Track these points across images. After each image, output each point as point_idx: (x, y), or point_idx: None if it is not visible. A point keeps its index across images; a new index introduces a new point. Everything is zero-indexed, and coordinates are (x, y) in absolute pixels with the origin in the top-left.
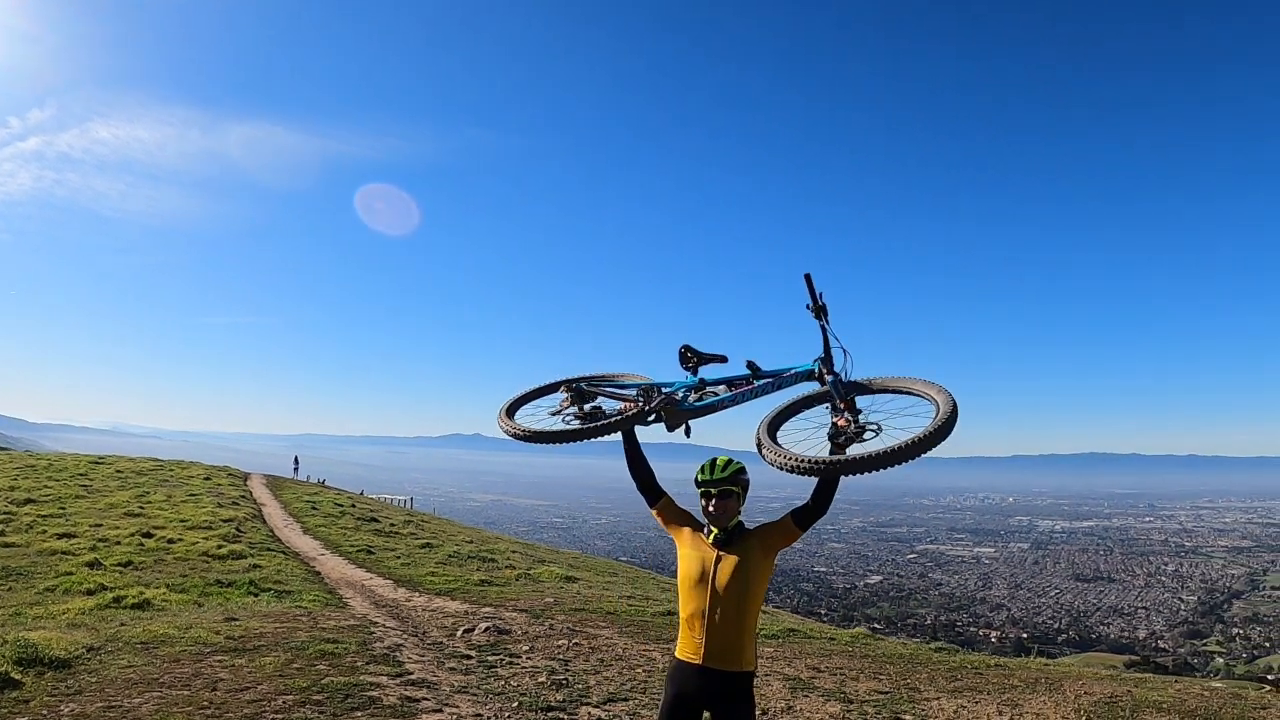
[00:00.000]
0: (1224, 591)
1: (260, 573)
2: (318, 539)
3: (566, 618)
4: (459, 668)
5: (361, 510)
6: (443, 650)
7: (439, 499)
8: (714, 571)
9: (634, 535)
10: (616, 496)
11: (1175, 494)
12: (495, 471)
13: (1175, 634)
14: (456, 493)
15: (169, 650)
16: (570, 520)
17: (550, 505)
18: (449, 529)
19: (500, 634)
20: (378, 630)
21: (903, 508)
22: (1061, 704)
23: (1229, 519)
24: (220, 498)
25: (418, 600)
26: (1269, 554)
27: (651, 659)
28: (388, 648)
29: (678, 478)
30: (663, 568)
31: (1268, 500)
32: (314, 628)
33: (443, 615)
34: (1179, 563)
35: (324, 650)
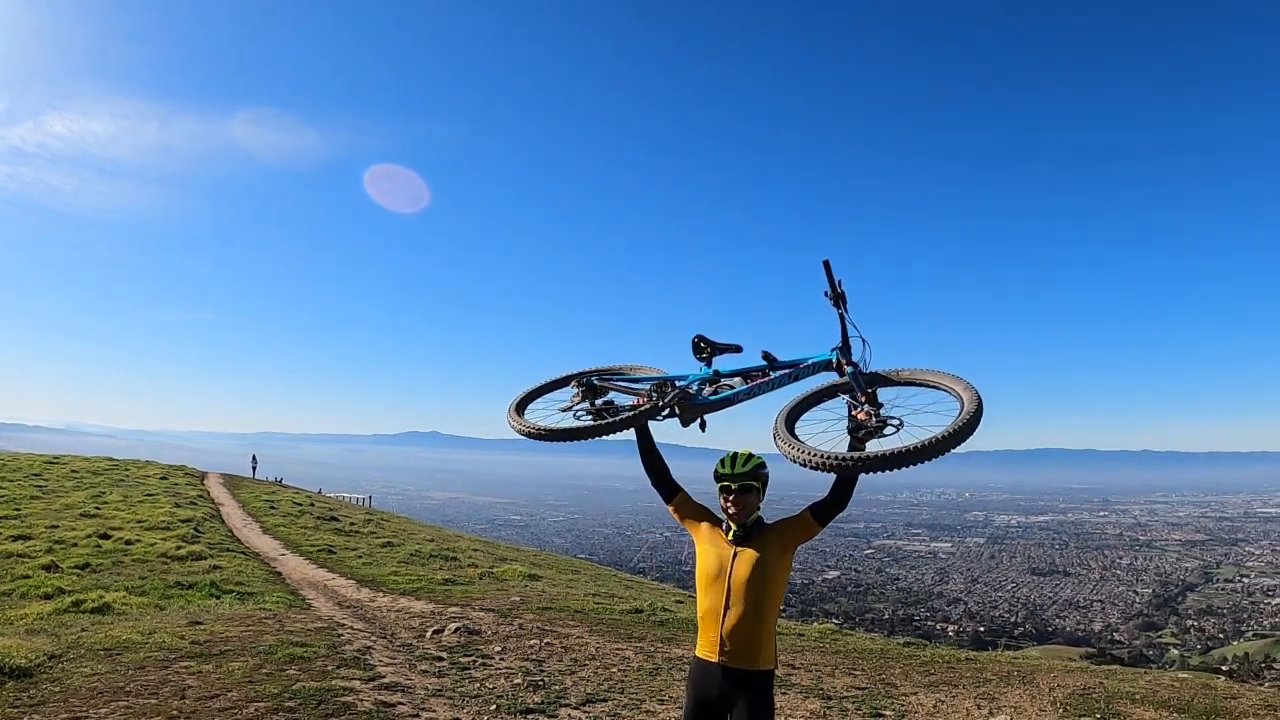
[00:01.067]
0: (1178, 584)
1: (221, 574)
2: (278, 539)
3: (535, 617)
4: (432, 670)
5: (320, 509)
6: (413, 652)
7: (397, 497)
8: (731, 568)
9: (592, 532)
10: (574, 494)
11: (1129, 489)
12: (452, 469)
13: (1130, 626)
14: (414, 491)
15: (133, 657)
16: (528, 518)
17: (508, 503)
18: (409, 527)
19: (470, 634)
20: (346, 632)
21: (860, 503)
22: (1037, 697)
23: (1182, 513)
24: (178, 497)
25: (382, 600)
26: (1222, 547)
27: (625, 658)
28: (357, 650)
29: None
30: (621, 564)
31: (1220, 495)
32: (280, 631)
33: (409, 616)
34: (1134, 556)
35: (293, 654)
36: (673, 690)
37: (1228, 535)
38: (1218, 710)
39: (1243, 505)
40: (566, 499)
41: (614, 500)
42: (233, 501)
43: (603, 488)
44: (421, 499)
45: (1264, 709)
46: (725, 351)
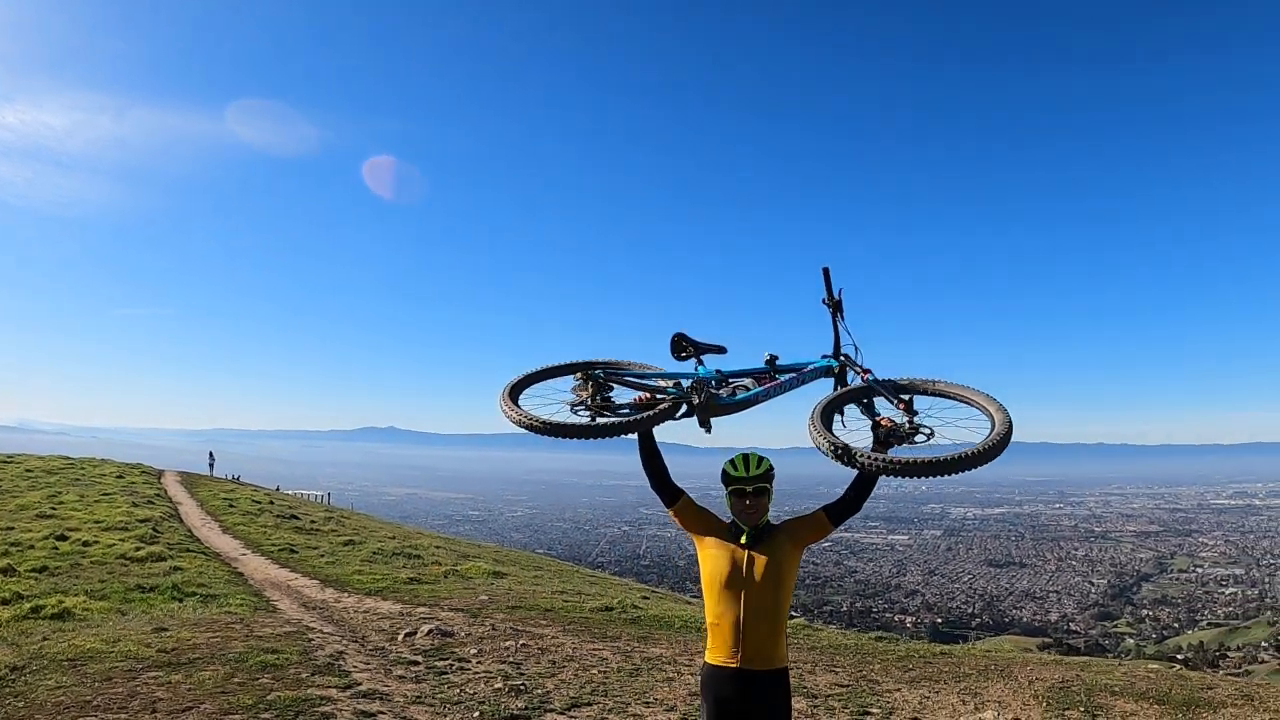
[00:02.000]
0: (1133, 575)
1: (182, 575)
2: (238, 538)
3: (506, 616)
4: (408, 675)
5: (280, 507)
6: (387, 656)
7: (354, 493)
8: (747, 572)
9: (550, 528)
10: (532, 489)
11: (1084, 481)
12: (410, 465)
13: (1086, 616)
14: (371, 487)
15: (99, 667)
16: (486, 513)
17: (466, 498)
18: (370, 525)
19: (444, 636)
20: (316, 636)
21: (816, 496)
22: (1019, 690)
23: (1137, 505)
24: (135, 496)
25: (348, 601)
26: (1176, 538)
27: (604, 659)
28: (330, 656)
29: None
30: (580, 559)
31: (1174, 487)
32: (249, 636)
33: (378, 617)
34: (1089, 548)
35: (265, 662)
36: (657, 692)
37: (1181, 526)
38: (1196, 701)
39: (1196, 497)
40: (524, 494)
41: (572, 495)
42: (191, 500)
43: (560, 482)
44: (379, 495)
45: (1240, 699)
46: (708, 351)
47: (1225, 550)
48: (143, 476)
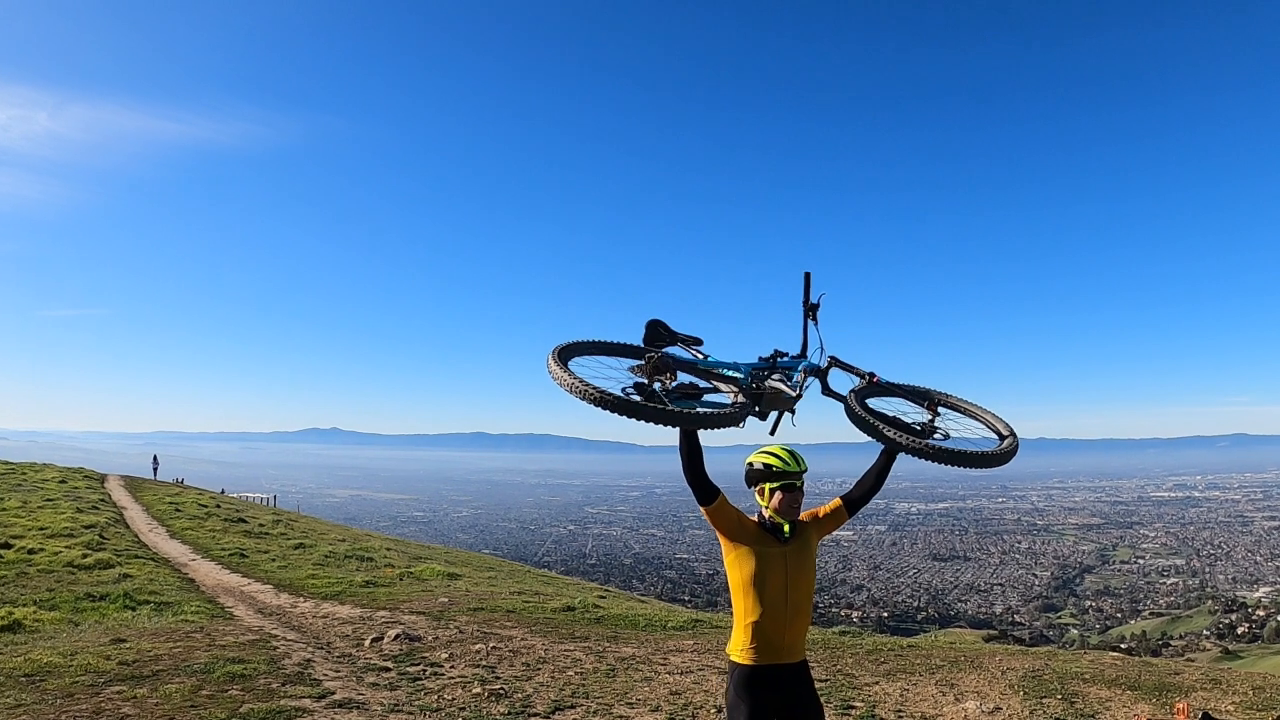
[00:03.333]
0: (1076, 567)
1: (133, 583)
2: (186, 543)
3: (470, 619)
4: (382, 682)
5: (227, 510)
6: (356, 663)
7: (298, 495)
8: (790, 568)
9: (496, 528)
10: (476, 489)
11: (1026, 475)
12: (353, 466)
13: (1031, 608)
14: (315, 489)
15: (59, 683)
16: (432, 514)
17: (411, 499)
18: (319, 527)
19: (411, 641)
20: (281, 644)
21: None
22: (994, 680)
23: (1078, 498)
24: (79, 502)
25: (304, 606)
26: (1117, 530)
27: (577, 660)
28: (298, 664)
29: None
30: (526, 558)
31: (1115, 480)
32: (212, 646)
33: (339, 622)
34: (1032, 541)
35: (232, 672)
36: (637, 692)
37: (1123, 519)
38: (1166, 686)
39: (1136, 490)
40: (469, 494)
41: (516, 494)
42: (136, 505)
43: (505, 482)
44: (323, 497)
45: (1209, 683)
46: (685, 342)
47: (1166, 541)
48: (86, 481)
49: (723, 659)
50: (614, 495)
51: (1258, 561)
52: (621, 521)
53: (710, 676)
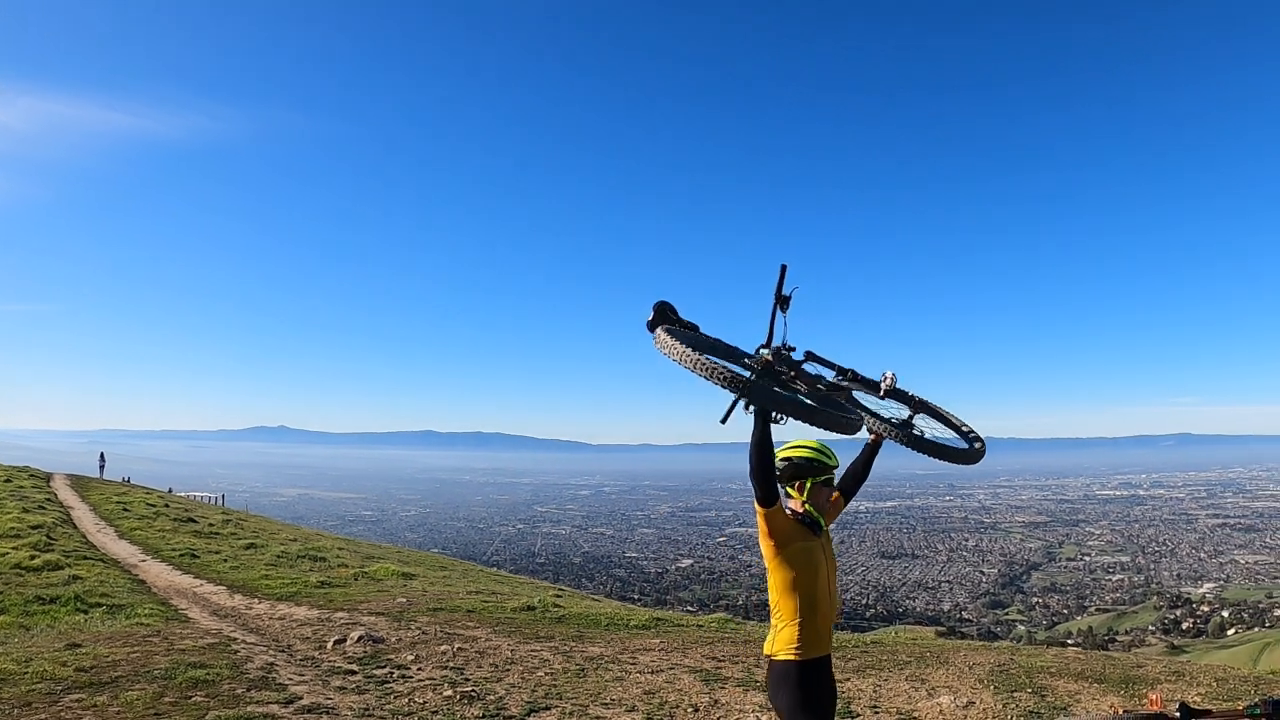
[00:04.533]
0: (1023, 564)
1: (83, 585)
2: (135, 543)
3: (430, 619)
4: (349, 686)
5: (176, 510)
6: (320, 666)
7: (245, 495)
8: (826, 558)
9: (445, 527)
10: (425, 488)
11: (973, 474)
12: (300, 465)
13: (978, 605)
14: (262, 487)
15: (15, 691)
16: (379, 513)
17: (359, 498)
18: (270, 527)
19: (375, 643)
20: (241, 648)
21: (711, 492)
22: (963, 675)
23: (1025, 497)
24: (25, 501)
25: (260, 608)
26: (1063, 528)
27: (545, 660)
28: (261, 668)
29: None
30: (475, 557)
31: (1061, 479)
32: (171, 650)
33: (297, 624)
34: (979, 538)
35: (194, 677)
36: (610, 692)
37: (1068, 517)
38: (1131, 679)
39: (1082, 488)
40: (417, 493)
41: (465, 493)
42: (83, 504)
43: (454, 481)
44: (270, 496)
45: (1172, 675)
46: (685, 328)
47: (1112, 539)
48: (31, 480)
49: (693, 658)
50: (563, 494)
51: (1201, 558)
52: (570, 520)
53: (681, 675)
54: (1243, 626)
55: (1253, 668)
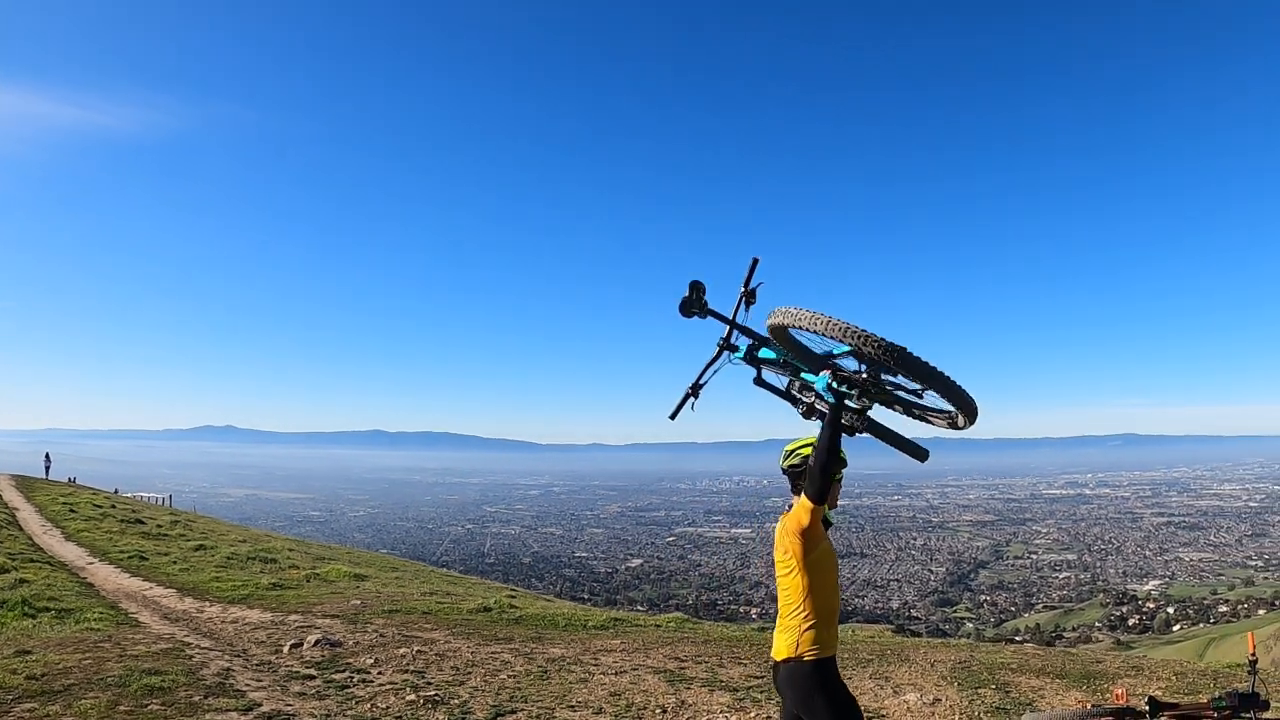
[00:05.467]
0: (970, 562)
1: (30, 589)
2: (83, 545)
3: (386, 621)
4: (309, 691)
5: (123, 511)
6: (277, 671)
7: (192, 495)
8: (835, 554)
9: (394, 527)
10: (374, 488)
11: (921, 474)
12: (248, 465)
13: (927, 603)
14: (209, 488)
15: None
16: (329, 514)
17: (307, 498)
18: (218, 528)
19: (332, 646)
20: (195, 653)
21: (660, 492)
22: (925, 672)
23: (972, 496)
24: None
25: (211, 611)
26: (1011, 527)
27: (506, 662)
28: (217, 674)
29: None
30: (424, 557)
31: (1008, 478)
32: (124, 656)
33: (251, 627)
34: (927, 537)
35: (149, 685)
36: (576, 694)
37: (1016, 515)
38: (1091, 674)
39: (1029, 488)
40: (366, 493)
41: (414, 493)
42: (28, 505)
43: (402, 481)
44: (218, 497)
45: (1130, 670)
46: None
47: (1058, 537)
48: None
49: (655, 658)
50: (512, 494)
51: (1147, 556)
52: (520, 520)
53: (646, 676)
54: (1188, 623)
55: (1199, 662)
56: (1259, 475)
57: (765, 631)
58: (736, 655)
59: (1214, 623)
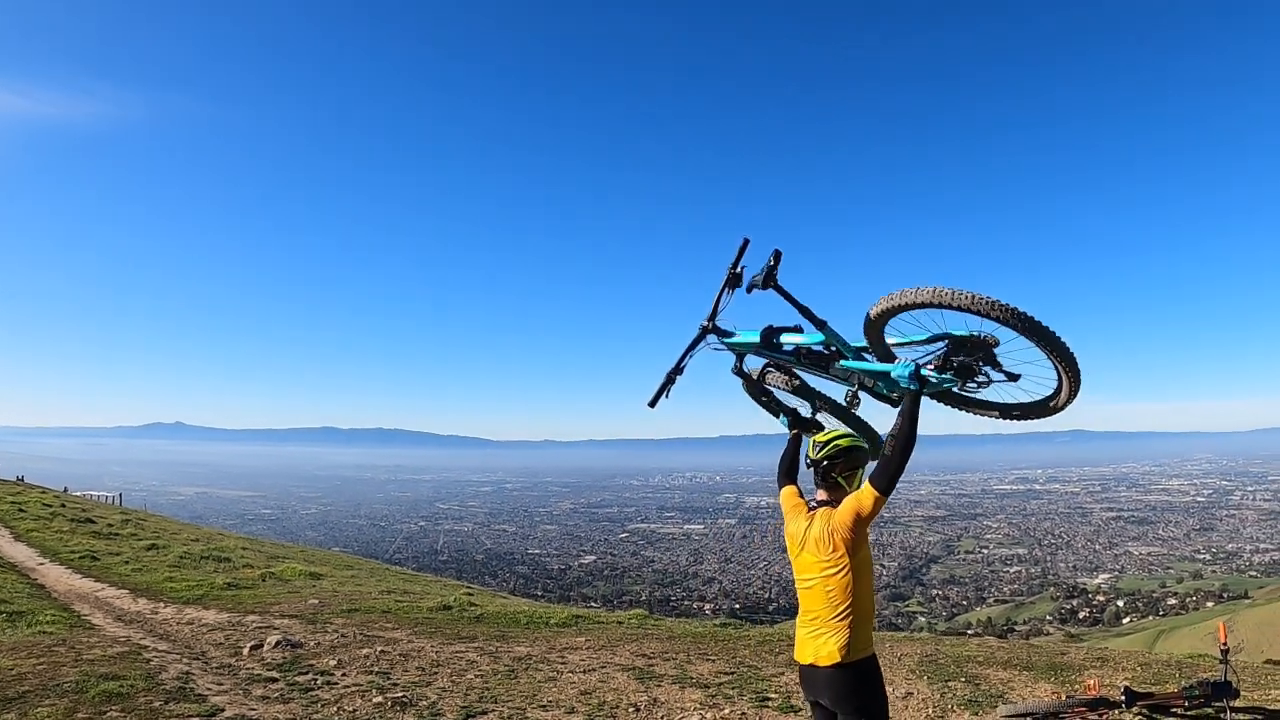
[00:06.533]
0: (922, 557)
1: None
2: (33, 545)
3: (346, 621)
4: (272, 695)
5: (73, 510)
6: (238, 674)
7: (142, 493)
8: None
9: (346, 525)
10: (325, 485)
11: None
12: (198, 463)
13: (879, 597)
14: (159, 486)
15: None
16: (279, 511)
17: (258, 496)
18: (170, 527)
19: (293, 648)
20: (153, 656)
21: (613, 488)
22: (894, 666)
23: (924, 491)
24: None
25: (166, 612)
26: (962, 522)
27: (472, 662)
28: (177, 678)
29: None
30: (376, 555)
31: (958, 474)
32: (79, 660)
33: (208, 629)
34: (879, 532)
35: (108, 690)
36: (545, 693)
37: (967, 511)
38: (1057, 666)
39: (979, 483)
40: (318, 491)
41: (366, 490)
42: None
43: (355, 478)
44: (168, 495)
45: (1096, 661)
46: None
47: (1009, 532)
48: None
49: (623, 656)
50: (465, 490)
51: (1096, 550)
52: (473, 517)
53: (615, 674)
54: (1137, 615)
55: (1161, 654)
56: (1206, 471)
57: (727, 627)
58: (703, 652)
59: (1163, 615)
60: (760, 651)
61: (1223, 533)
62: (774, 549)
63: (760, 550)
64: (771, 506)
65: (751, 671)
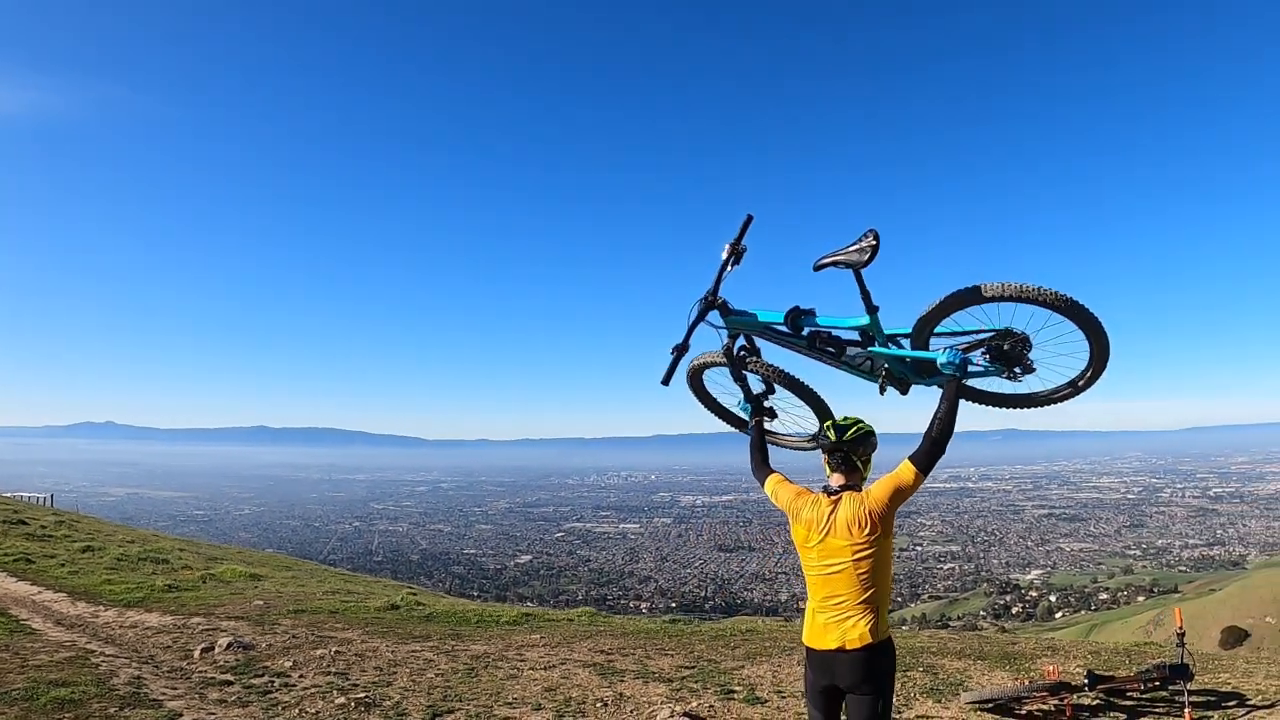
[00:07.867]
0: None
1: None
2: None
3: (294, 621)
4: (230, 698)
5: (4, 511)
6: (191, 678)
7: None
8: None
9: (280, 526)
10: (259, 486)
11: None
12: (129, 462)
13: None
14: (89, 487)
15: None
16: (212, 512)
17: (190, 497)
18: (104, 528)
19: (246, 649)
20: (101, 661)
21: (548, 488)
22: None
23: None
24: None
25: (107, 615)
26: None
27: (430, 661)
28: (129, 683)
29: None
30: (311, 556)
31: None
32: (26, 667)
33: (153, 632)
34: None
35: (59, 697)
36: (509, 691)
37: (901, 509)
38: (1010, 655)
39: None
40: (251, 491)
41: (300, 490)
42: None
43: (288, 478)
44: (98, 496)
45: (1045, 650)
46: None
47: (943, 530)
48: None
49: (581, 652)
50: (400, 490)
51: (1029, 546)
52: (408, 517)
53: (576, 670)
54: (1070, 610)
55: (1110, 642)
56: (1136, 469)
57: (678, 623)
58: (660, 647)
59: (1095, 610)
60: (716, 646)
61: (1152, 529)
62: (710, 548)
63: (696, 549)
64: (706, 505)
65: (712, 665)
